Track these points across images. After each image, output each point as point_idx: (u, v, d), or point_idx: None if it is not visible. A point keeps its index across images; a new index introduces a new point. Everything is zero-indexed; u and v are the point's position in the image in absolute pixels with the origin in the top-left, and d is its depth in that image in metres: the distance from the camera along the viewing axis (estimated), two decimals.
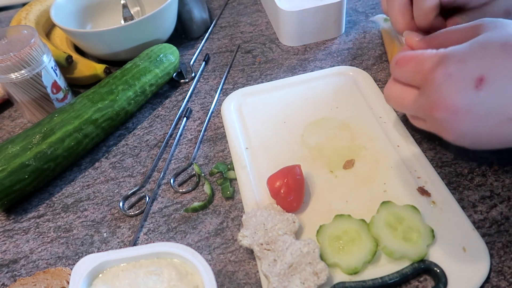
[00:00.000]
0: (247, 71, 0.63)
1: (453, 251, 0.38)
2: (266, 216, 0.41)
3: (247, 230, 0.40)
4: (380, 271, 0.37)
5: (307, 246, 0.38)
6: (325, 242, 0.39)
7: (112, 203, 0.48)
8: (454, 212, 0.41)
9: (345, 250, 0.38)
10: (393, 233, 0.38)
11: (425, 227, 0.39)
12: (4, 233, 0.47)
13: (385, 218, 0.39)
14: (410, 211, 0.40)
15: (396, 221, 0.39)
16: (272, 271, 0.37)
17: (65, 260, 0.43)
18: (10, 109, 0.63)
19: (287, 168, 0.43)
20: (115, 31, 0.60)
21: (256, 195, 0.44)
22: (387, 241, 0.38)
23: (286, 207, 0.42)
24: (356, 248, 0.38)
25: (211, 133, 0.54)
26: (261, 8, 0.77)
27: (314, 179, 0.45)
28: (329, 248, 0.38)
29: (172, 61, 0.61)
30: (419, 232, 0.38)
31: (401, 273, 0.37)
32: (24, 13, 0.70)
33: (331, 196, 0.44)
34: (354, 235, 0.39)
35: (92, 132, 0.52)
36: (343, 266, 0.37)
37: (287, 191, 0.42)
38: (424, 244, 0.38)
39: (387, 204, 0.41)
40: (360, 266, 0.37)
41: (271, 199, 0.43)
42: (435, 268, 0.36)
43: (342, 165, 0.46)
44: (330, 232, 0.39)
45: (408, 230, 0.39)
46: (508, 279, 0.37)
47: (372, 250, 0.38)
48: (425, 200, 0.42)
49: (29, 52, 0.51)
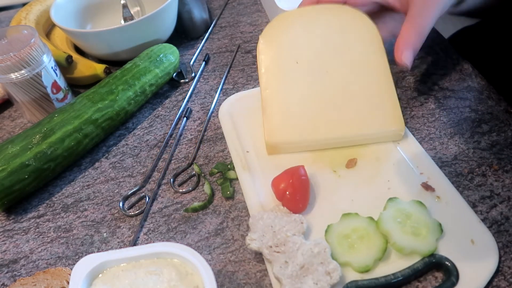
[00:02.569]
0: (247, 71, 0.63)
1: (462, 244, 0.38)
2: (273, 219, 0.40)
3: (255, 233, 0.40)
4: (392, 268, 0.37)
5: (318, 246, 0.38)
6: (334, 241, 0.39)
7: (112, 203, 0.48)
8: (459, 205, 0.41)
9: (355, 249, 0.38)
10: (402, 229, 0.38)
11: (432, 221, 0.39)
12: (4, 233, 0.47)
13: (393, 214, 0.39)
14: (417, 207, 0.40)
15: (404, 217, 0.39)
16: (284, 273, 0.37)
17: (65, 260, 0.43)
18: (10, 109, 0.63)
19: (291, 169, 0.43)
20: (115, 31, 0.60)
21: (261, 197, 0.44)
22: (397, 237, 0.38)
23: (292, 208, 0.42)
24: (366, 246, 0.38)
25: (211, 133, 0.54)
26: (261, 8, 0.77)
27: (318, 180, 0.45)
28: (339, 248, 0.38)
29: (172, 61, 0.61)
30: (427, 226, 0.38)
31: (413, 268, 0.37)
32: (24, 13, 0.70)
33: (336, 196, 0.44)
34: (363, 233, 0.39)
35: (92, 132, 0.52)
36: (354, 264, 0.37)
37: (292, 192, 0.41)
38: (433, 239, 0.38)
39: (394, 201, 0.41)
40: (371, 263, 0.37)
41: (276, 201, 0.43)
42: (446, 262, 0.37)
43: (345, 164, 0.46)
44: (338, 231, 0.39)
45: (416, 225, 0.39)
46: (508, 279, 0.37)
47: (382, 247, 0.38)
48: (430, 195, 0.42)
49: (29, 52, 0.51)
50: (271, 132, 0.47)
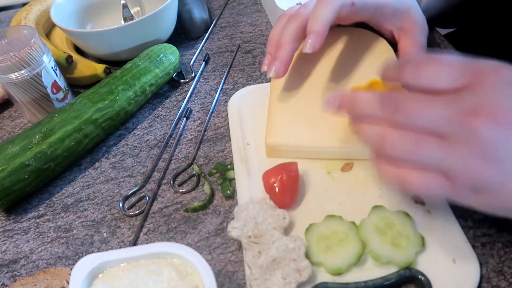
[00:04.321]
0: (247, 71, 0.63)
1: (442, 262, 0.37)
2: (258, 210, 0.41)
3: (237, 222, 0.40)
4: (366, 275, 0.37)
5: (294, 242, 0.38)
6: (313, 240, 0.39)
7: (112, 203, 0.48)
8: (448, 223, 0.40)
9: (331, 250, 0.38)
10: (382, 238, 0.38)
11: (415, 234, 0.38)
12: (4, 233, 0.47)
13: (375, 222, 0.39)
14: (402, 217, 0.39)
15: (386, 225, 0.39)
16: (255, 263, 0.37)
17: (65, 260, 0.43)
18: (10, 109, 0.63)
19: (284, 164, 0.43)
20: (115, 31, 0.60)
21: (252, 189, 0.45)
22: (375, 245, 0.37)
23: (279, 203, 0.42)
24: (343, 249, 0.38)
25: (211, 133, 0.54)
26: (261, 8, 0.77)
27: (311, 179, 0.45)
28: (316, 247, 0.38)
29: (172, 61, 0.61)
30: (408, 238, 0.38)
31: (385, 279, 0.36)
32: (24, 13, 0.70)
33: (325, 197, 0.44)
34: (342, 237, 0.39)
35: (92, 132, 0.52)
36: (327, 265, 0.37)
37: (281, 187, 0.42)
38: (412, 251, 0.37)
39: (379, 209, 0.40)
40: (344, 267, 0.37)
41: (265, 194, 0.43)
42: (421, 277, 0.36)
43: (340, 167, 0.46)
44: (319, 231, 0.39)
45: (397, 236, 0.38)
46: (508, 279, 0.37)
47: (358, 253, 0.37)
48: (421, 208, 0.41)
49: (29, 52, 0.51)
50: (272, 134, 0.47)
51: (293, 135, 0.47)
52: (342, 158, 0.47)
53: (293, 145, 0.46)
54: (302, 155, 0.47)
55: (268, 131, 0.47)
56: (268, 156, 0.48)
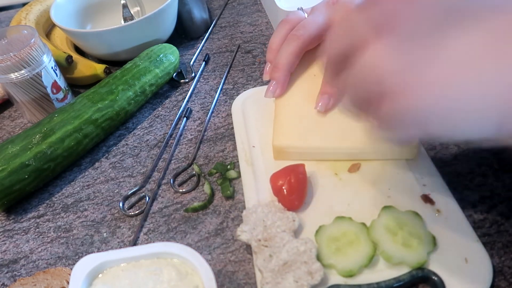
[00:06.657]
0: (247, 71, 0.63)
1: (455, 262, 0.37)
2: (266, 213, 0.41)
3: (246, 226, 0.40)
4: (378, 276, 0.37)
5: (304, 245, 0.38)
6: (323, 242, 0.39)
7: (112, 203, 0.48)
8: (459, 222, 0.40)
9: (342, 252, 0.38)
10: (393, 238, 0.38)
11: (426, 234, 0.38)
12: (4, 233, 0.47)
13: (385, 222, 0.39)
14: (412, 217, 0.39)
15: (396, 226, 0.39)
16: (267, 267, 0.37)
17: (65, 260, 0.43)
18: (10, 109, 0.63)
19: (291, 166, 0.43)
20: (115, 31, 0.60)
21: (259, 192, 0.44)
22: (386, 246, 0.37)
23: (287, 205, 0.42)
24: (354, 251, 0.38)
25: (211, 133, 0.54)
26: (261, 8, 0.77)
27: (318, 180, 0.45)
28: (327, 249, 0.38)
29: (172, 61, 0.61)
30: (420, 238, 0.38)
31: (398, 280, 0.36)
32: (24, 13, 0.70)
33: (333, 198, 0.43)
34: (353, 238, 0.38)
35: (92, 132, 0.52)
36: (338, 267, 0.37)
37: (289, 189, 0.41)
38: (424, 251, 0.37)
39: (389, 209, 0.40)
40: (355, 269, 0.37)
41: (273, 196, 0.43)
42: (434, 277, 0.36)
43: (348, 168, 0.46)
44: (329, 233, 0.39)
45: (408, 236, 0.38)
46: (508, 279, 0.37)
47: (370, 254, 0.37)
48: (430, 208, 0.41)
49: (29, 52, 0.51)
50: (279, 136, 0.47)
51: (300, 137, 0.46)
52: (349, 159, 0.46)
53: (300, 146, 0.46)
54: (309, 156, 0.47)
55: (274, 133, 0.47)
56: (275, 159, 0.48)
